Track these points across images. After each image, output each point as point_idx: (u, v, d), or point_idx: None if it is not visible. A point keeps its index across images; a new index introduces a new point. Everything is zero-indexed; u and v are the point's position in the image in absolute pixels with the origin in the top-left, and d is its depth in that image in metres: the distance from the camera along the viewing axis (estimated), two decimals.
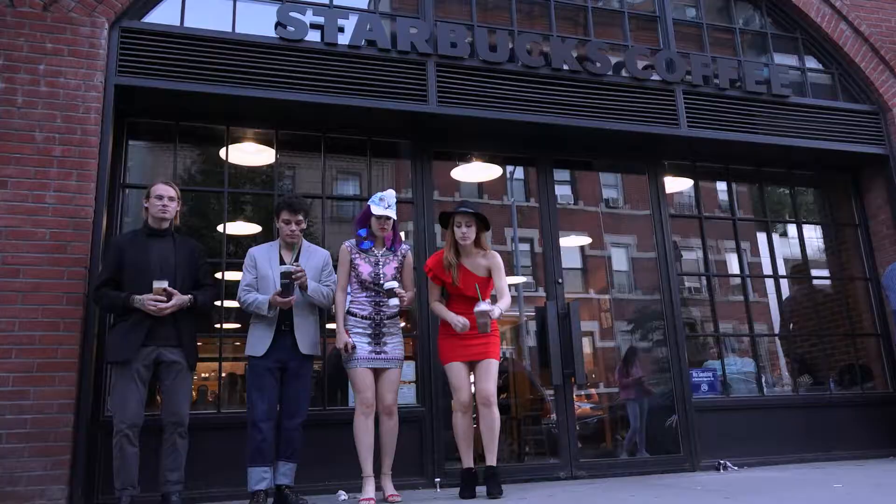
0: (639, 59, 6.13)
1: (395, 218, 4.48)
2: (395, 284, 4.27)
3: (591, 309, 10.08)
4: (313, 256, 4.40)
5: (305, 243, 4.41)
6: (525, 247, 10.23)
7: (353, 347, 4.26)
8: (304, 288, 4.15)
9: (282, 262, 4.25)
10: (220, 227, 5.43)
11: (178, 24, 5.15)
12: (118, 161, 5.02)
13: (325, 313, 4.69)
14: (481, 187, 10.25)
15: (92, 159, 4.52)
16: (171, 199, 4.02)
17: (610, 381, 9.25)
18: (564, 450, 5.46)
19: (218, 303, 5.27)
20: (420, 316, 5.46)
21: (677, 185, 6.80)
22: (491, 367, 4.37)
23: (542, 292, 6.01)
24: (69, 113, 4.53)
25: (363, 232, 4.50)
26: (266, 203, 5.77)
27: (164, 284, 3.67)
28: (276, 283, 4.07)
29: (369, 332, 4.34)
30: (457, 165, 6.53)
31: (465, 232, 4.38)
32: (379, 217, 4.39)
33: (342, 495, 4.60)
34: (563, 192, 7.10)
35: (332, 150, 5.77)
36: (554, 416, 5.78)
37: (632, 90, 6.01)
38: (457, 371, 4.39)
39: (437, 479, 4.94)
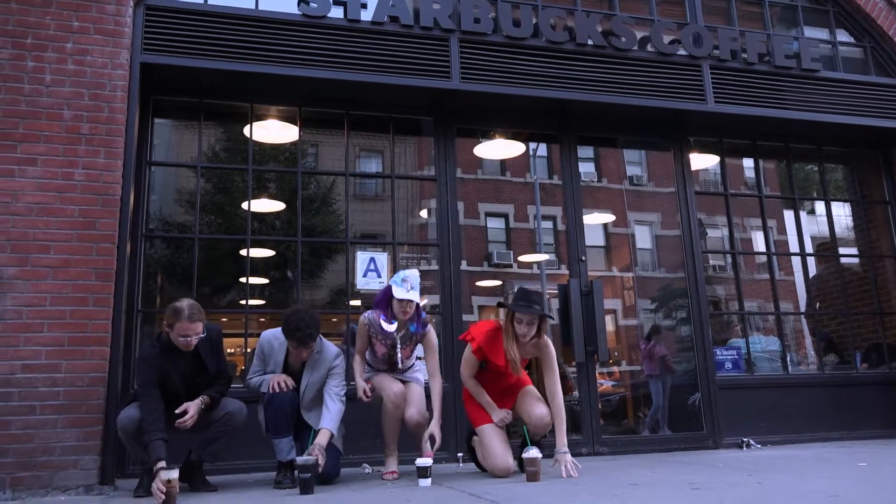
0: (665, 34, 6.03)
1: (419, 301, 4.28)
2: (427, 462, 3.88)
3: (615, 287, 10.05)
4: (318, 369, 4.14)
5: (314, 352, 4.13)
6: (548, 224, 10.20)
7: (373, 390, 4.32)
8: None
9: (286, 364, 4.15)
10: (244, 205, 5.47)
11: (201, 1, 5.16)
12: (144, 139, 5.08)
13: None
14: (504, 164, 10.22)
15: (119, 137, 4.56)
16: (196, 335, 3.79)
17: (633, 359, 9.25)
18: (587, 426, 5.48)
19: (242, 279, 5.35)
20: (443, 292, 5.48)
21: (703, 161, 6.72)
22: (532, 392, 4.29)
23: (564, 270, 6.00)
24: (96, 91, 4.57)
25: (384, 317, 4.30)
26: (290, 180, 5.81)
27: (173, 476, 3.42)
28: (280, 366, 4.13)
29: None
30: (480, 142, 6.51)
31: (527, 330, 4.07)
32: (401, 300, 4.21)
33: (366, 468, 4.68)
34: (586, 169, 7.06)
35: (355, 128, 5.78)
36: (576, 393, 5.80)
37: (658, 65, 5.92)
38: (490, 435, 4.19)
39: (460, 455, 4.99)
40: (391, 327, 4.31)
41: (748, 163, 7.18)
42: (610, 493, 3.26)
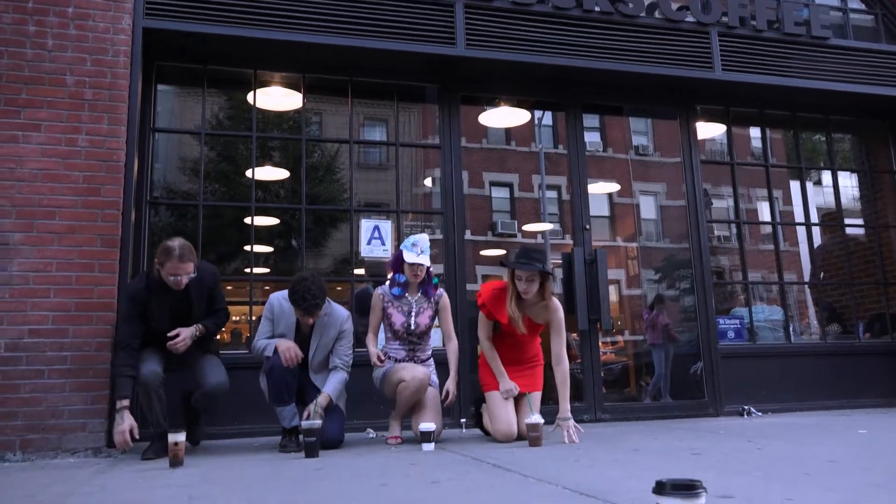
0: (673, 0, 5.94)
1: (429, 264, 4.40)
2: (431, 426, 3.92)
3: (619, 257, 10.08)
4: (327, 332, 4.18)
5: (322, 315, 4.13)
6: (552, 194, 10.19)
7: (387, 355, 4.36)
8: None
9: (298, 329, 4.15)
10: (248, 173, 5.46)
11: None
12: (148, 105, 5.05)
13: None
14: (509, 133, 10.17)
15: (122, 103, 4.54)
16: (187, 275, 3.85)
17: (636, 328, 9.29)
18: (589, 394, 5.53)
19: (247, 248, 5.36)
20: (447, 261, 5.49)
21: (709, 130, 6.67)
22: (535, 401, 4.27)
23: (568, 240, 6.00)
24: (99, 56, 4.54)
25: (400, 277, 4.41)
26: (294, 148, 5.79)
27: (179, 439, 3.46)
28: (292, 334, 4.13)
29: None
30: (485, 110, 6.47)
31: (527, 287, 4.07)
32: (412, 264, 4.32)
33: (370, 433, 4.74)
34: (592, 138, 7.02)
35: (359, 95, 5.74)
36: (579, 361, 5.83)
37: (665, 32, 5.85)
38: (497, 400, 4.23)
39: (463, 420, 5.04)
40: (404, 287, 4.40)
41: (755, 132, 7.13)
42: (611, 459, 3.30)
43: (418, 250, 4.31)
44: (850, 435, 4.13)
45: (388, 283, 4.50)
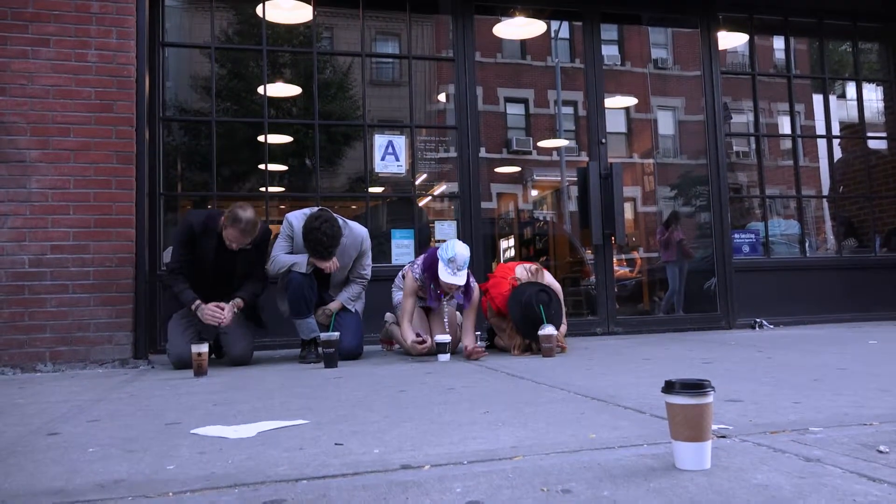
0: None
1: (464, 281, 4.12)
2: (446, 338, 3.99)
3: (634, 174, 9.97)
4: (347, 251, 4.20)
5: (342, 237, 4.10)
6: (568, 110, 10.02)
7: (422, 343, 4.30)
8: None
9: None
10: (260, 89, 5.40)
11: None
12: (156, 18, 4.96)
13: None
14: (524, 47, 9.92)
15: (129, 16, 4.46)
16: (240, 245, 3.93)
17: (650, 245, 9.29)
18: (602, 307, 5.58)
19: (262, 166, 5.35)
20: (461, 178, 5.46)
21: (731, 41, 6.46)
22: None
23: (584, 157, 5.93)
24: None
25: (431, 288, 4.22)
26: (306, 65, 5.70)
27: (203, 349, 3.53)
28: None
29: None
30: (500, 21, 6.29)
31: None
32: (448, 283, 4.08)
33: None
34: (609, 52, 6.84)
35: (370, 6, 5.58)
36: (593, 278, 5.88)
37: None
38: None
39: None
40: (438, 299, 4.32)
41: (778, 44, 6.90)
42: (622, 368, 3.36)
43: (455, 268, 4.04)
44: (861, 345, 4.17)
45: (419, 268, 4.27)
